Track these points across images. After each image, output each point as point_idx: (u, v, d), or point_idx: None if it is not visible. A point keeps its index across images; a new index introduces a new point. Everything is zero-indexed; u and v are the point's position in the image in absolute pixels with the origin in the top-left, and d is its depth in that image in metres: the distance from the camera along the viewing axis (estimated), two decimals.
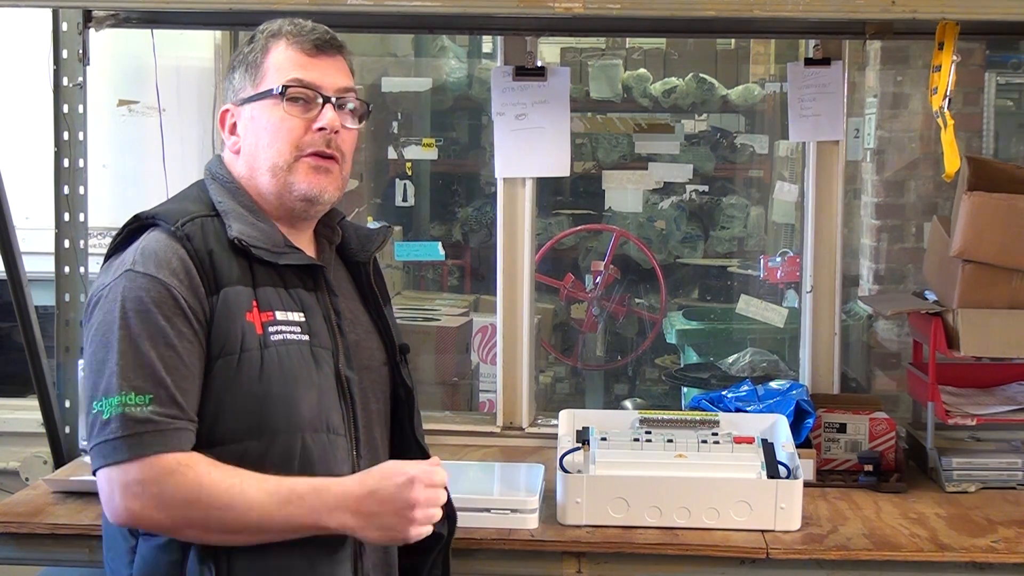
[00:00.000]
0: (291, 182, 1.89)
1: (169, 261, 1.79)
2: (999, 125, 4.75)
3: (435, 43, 5.31)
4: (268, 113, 1.89)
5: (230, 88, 1.95)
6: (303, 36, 1.92)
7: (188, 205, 1.89)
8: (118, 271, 1.80)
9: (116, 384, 1.72)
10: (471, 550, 2.33)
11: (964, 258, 2.70)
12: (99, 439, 1.73)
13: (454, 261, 5.51)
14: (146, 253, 1.79)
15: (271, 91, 1.88)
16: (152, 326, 1.75)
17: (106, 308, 1.77)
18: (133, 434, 1.71)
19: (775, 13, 2.46)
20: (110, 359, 1.74)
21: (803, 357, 3.16)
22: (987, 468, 2.73)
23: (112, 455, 1.72)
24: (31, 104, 3.44)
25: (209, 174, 1.95)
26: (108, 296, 1.78)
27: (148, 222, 1.86)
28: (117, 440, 1.71)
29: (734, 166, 5.76)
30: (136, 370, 1.73)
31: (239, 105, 1.92)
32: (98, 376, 1.75)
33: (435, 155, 4.67)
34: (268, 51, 1.91)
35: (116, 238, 1.87)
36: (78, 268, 2.99)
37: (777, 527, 2.39)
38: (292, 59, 1.90)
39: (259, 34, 1.94)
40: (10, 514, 2.46)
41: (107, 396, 1.72)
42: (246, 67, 1.92)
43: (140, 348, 1.74)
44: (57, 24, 2.93)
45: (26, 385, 3.17)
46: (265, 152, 1.89)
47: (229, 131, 1.94)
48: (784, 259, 3.83)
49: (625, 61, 5.52)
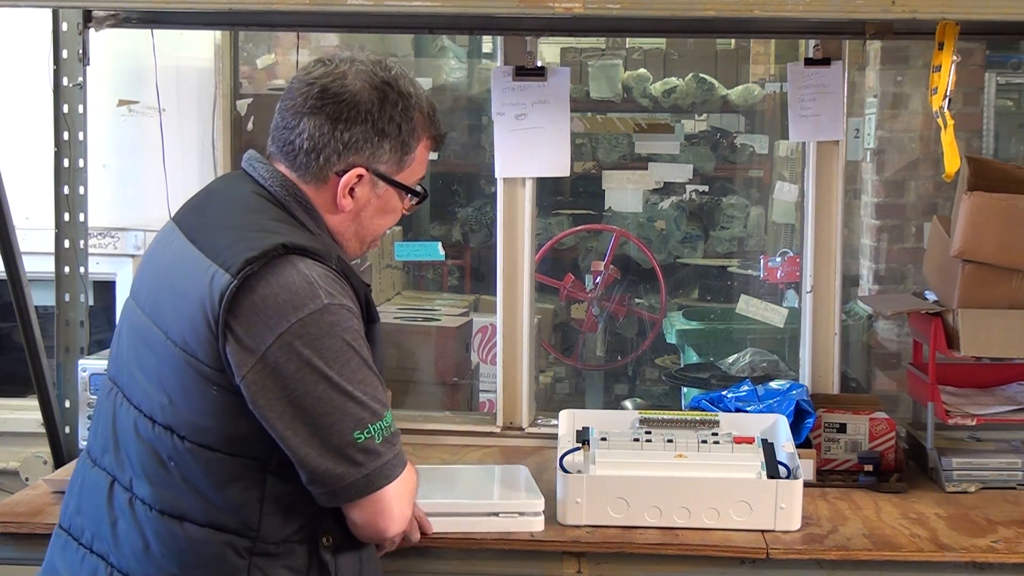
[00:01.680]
0: (371, 249, 2.06)
1: (347, 291, 1.84)
2: (999, 125, 4.76)
3: (435, 43, 5.31)
4: (396, 201, 2.00)
5: (369, 150, 1.92)
6: (438, 132, 2.02)
7: (307, 235, 1.87)
8: (311, 306, 1.76)
9: (376, 408, 1.81)
10: (471, 550, 2.33)
11: (964, 258, 2.70)
12: (380, 461, 1.81)
13: (454, 261, 5.52)
14: (329, 283, 1.80)
15: (416, 192, 2.01)
16: (364, 348, 1.83)
17: (323, 344, 1.77)
18: (401, 448, 1.86)
19: (775, 13, 2.46)
20: (356, 388, 1.79)
21: (803, 357, 3.16)
22: (987, 468, 2.73)
23: (395, 471, 1.83)
24: (31, 104, 3.44)
25: (293, 199, 1.91)
26: (313, 332, 1.76)
27: (293, 251, 1.80)
28: (397, 457, 1.84)
29: (734, 166, 5.76)
30: (377, 390, 1.83)
31: (376, 176, 1.94)
32: (350, 406, 1.79)
33: (435, 155, 4.67)
34: (418, 139, 1.97)
35: (255, 261, 1.77)
36: (78, 268, 2.99)
37: (777, 527, 2.39)
38: (426, 159, 2.02)
39: (414, 110, 1.95)
40: (10, 514, 2.46)
41: (374, 422, 1.80)
42: (399, 144, 1.94)
43: (371, 369, 1.83)
44: (57, 24, 2.94)
45: (26, 385, 3.17)
46: (377, 229, 2.01)
47: (347, 190, 1.93)
48: (784, 259, 3.83)
49: (625, 61, 5.53)
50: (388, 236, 4.61)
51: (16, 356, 3.04)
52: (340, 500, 1.81)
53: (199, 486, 1.81)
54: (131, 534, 1.84)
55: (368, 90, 1.90)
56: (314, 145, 1.90)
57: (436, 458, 2.91)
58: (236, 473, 1.80)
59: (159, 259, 1.93)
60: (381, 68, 1.93)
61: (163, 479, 1.83)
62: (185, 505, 1.81)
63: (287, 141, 1.92)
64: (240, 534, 1.81)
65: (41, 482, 2.67)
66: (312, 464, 1.78)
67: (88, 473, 1.94)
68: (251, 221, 1.87)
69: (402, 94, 1.93)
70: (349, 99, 1.89)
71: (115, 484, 1.87)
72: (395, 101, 1.92)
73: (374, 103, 1.91)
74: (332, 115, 1.89)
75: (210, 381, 1.78)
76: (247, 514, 1.81)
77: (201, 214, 1.95)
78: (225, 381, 1.77)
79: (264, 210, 1.90)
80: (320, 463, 1.78)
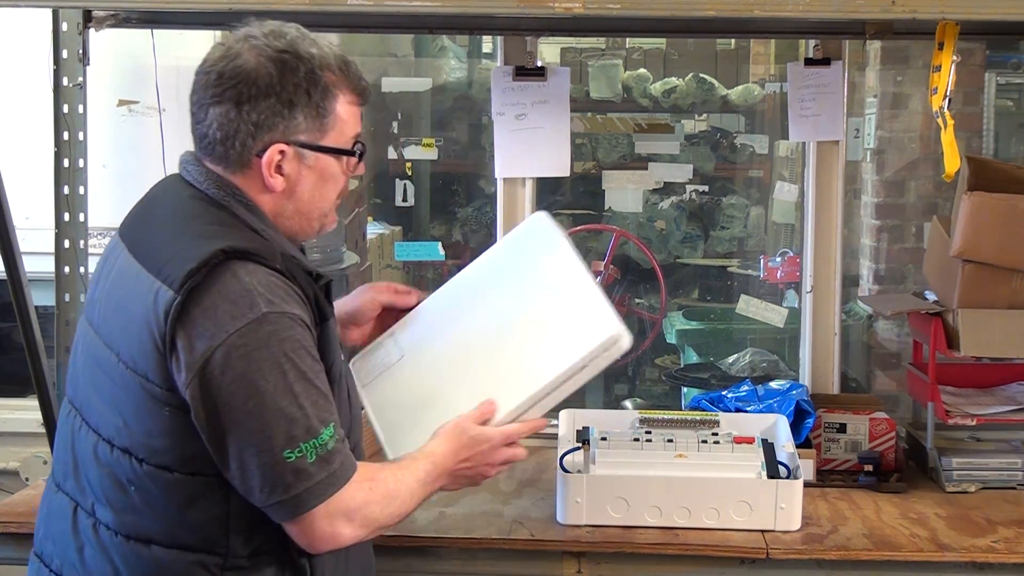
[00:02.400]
0: (325, 224, 1.94)
1: (292, 295, 1.76)
2: (999, 125, 4.75)
3: (435, 43, 5.31)
4: (334, 167, 1.89)
5: (282, 124, 1.82)
6: (357, 85, 1.90)
7: (250, 235, 1.80)
8: (247, 316, 1.70)
9: (311, 425, 1.72)
10: (471, 550, 2.33)
11: (964, 258, 2.70)
12: (311, 481, 1.72)
13: (454, 261, 5.50)
14: (270, 290, 1.73)
15: (350, 152, 1.90)
16: (308, 358, 1.75)
17: (258, 356, 1.70)
18: (340, 466, 1.75)
19: (775, 13, 2.46)
20: (290, 404, 1.71)
21: (803, 357, 3.16)
22: (987, 468, 2.73)
23: (327, 491, 1.74)
24: (31, 104, 3.44)
25: (230, 196, 1.84)
26: (251, 344, 1.70)
27: (234, 256, 1.74)
28: (331, 476, 1.74)
29: (734, 166, 5.76)
30: (316, 404, 1.74)
31: (299, 147, 1.84)
32: (280, 423, 1.70)
33: (435, 155, 4.68)
34: (334, 98, 1.85)
35: (197, 271, 1.71)
36: (78, 268, 2.99)
37: (777, 527, 2.39)
38: (354, 114, 1.90)
39: (320, 71, 1.83)
40: (10, 514, 2.46)
41: (306, 440, 1.71)
42: (312, 109, 1.83)
43: (311, 382, 1.74)
44: (57, 24, 2.93)
45: (26, 385, 3.17)
46: (320, 201, 1.90)
47: (274, 169, 1.84)
48: (784, 259, 3.83)
49: (625, 61, 5.52)
50: (388, 236, 4.62)
51: (16, 356, 3.04)
52: (273, 517, 1.75)
53: (161, 508, 1.77)
54: (99, 560, 1.81)
55: (265, 63, 1.81)
56: (226, 134, 1.82)
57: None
58: (197, 493, 1.76)
59: (107, 275, 1.88)
60: (275, 38, 1.83)
61: (124, 503, 1.79)
62: (150, 528, 1.78)
63: (202, 135, 1.86)
64: (209, 552, 1.77)
65: (41, 482, 2.67)
66: (242, 482, 1.72)
67: (53, 499, 1.91)
68: (190, 228, 1.81)
69: (302, 58, 1.82)
70: (246, 77, 1.80)
71: (78, 509, 1.84)
72: (295, 67, 1.81)
73: (273, 75, 1.80)
74: (234, 98, 1.81)
75: (161, 402, 1.73)
76: (213, 532, 1.77)
77: (142, 225, 1.89)
78: (176, 400, 1.72)
79: (202, 215, 1.82)
80: (248, 481, 1.71)
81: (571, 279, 2.09)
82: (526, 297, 2.12)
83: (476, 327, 2.13)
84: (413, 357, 2.16)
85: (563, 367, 1.98)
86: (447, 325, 2.18)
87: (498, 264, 2.24)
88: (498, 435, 1.98)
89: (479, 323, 2.14)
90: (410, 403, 2.09)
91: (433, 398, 2.07)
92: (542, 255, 2.15)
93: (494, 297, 2.16)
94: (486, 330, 2.12)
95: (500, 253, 2.27)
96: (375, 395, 2.14)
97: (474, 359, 2.09)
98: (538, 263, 2.15)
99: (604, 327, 1.97)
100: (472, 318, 2.15)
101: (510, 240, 2.28)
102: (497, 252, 2.28)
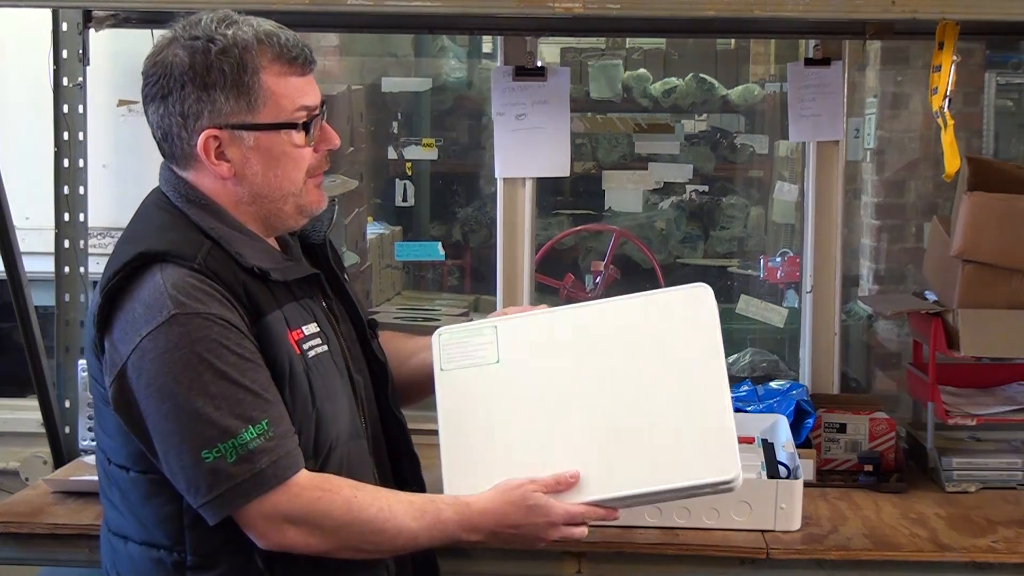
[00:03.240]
0: (303, 205, 1.87)
1: (211, 294, 1.73)
2: (999, 125, 4.74)
3: (435, 43, 5.30)
4: (281, 143, 1.82)
5: (207, 109, 1.78)
6: (289, 53, 1.81)
7: (185, 236, 1.79)
8: (159, 318, 1.70)
9: (228, 426, 1.69)
10: (471, 550, 2.33)
11: (964, 258, 2.70)
12: (232, 482, 1.69)
13: (454, 261, 5.50)
14: (183, 291, 1.71)
15: (290, 124, 1.81)
16: (231, 356, 1.72)
17: (168, 359, 1.69)
18: (269, 464, 1.71)
19: (775, 13, 2.46)
20: (204, 405, 1.69)
21: (803, 357, 3.16)
22: (987, 468, 2.73)
23: (254, 491, 1.70)
24: (31, 104, 3.44)
25: (182, 197, 1.84)
26: (162, 346, 1.70)
27: (155, 259, 1.75)
28: (256, 476, 1.70)
29: (734, 166, 5.75)
30: (240, 403, 1.71)
31: (232, 130, 1.80)
32: (196, 425, 1.69)
33: (435, 155, 4.67)
34: (257, 72, 1.79)
35: (116, 275, 1.75)
36: (78, 268, 2.99)
37: (777, 527, 2.39)
38: (291, 85, 1.82)
39: (235, 47, 1.78)
40: (10, 514, 2.46)
41: (223, 441, 1.69)
42: (233, 89, 1.78)
43: (233, 381, 1.71)
44: (57, 24, 2.93)
45: (26, 385, 3.17)
46: (281, 181, 1.83)
47: (216, 156, 1.81)
48: (784, 259, 3.83)
49: (625, 61, 5.51)
50: (388, 236, 4.62)
51: (16, 356, 3.03)
52: (207, 519, 1.73)
53: (128, 506, 1.82)
54: (104, 553, 1.91)
55: (178, 53, 1.79)
56: (164, 131, 1.82)
57: (436, 458, 2.90)
58: (151, 490, 1.78)
59: None
60: (189, 26, 1.80)
61: (110, 501, 1.86)
62: (125, 525, 1.83)
63: (153, 138, 1.86)
64: (169, 550, 1.79)
65: (41, 482, 2.67)
66: (174, 483, 1.73)
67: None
68: (129, 234, 1.84)
69: (212, 39, 1.77)
70: (163, 71, 1.79)
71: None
72: (206, 49, 1.77)
73: (185, 63, 1.78)
74: (160, 94, 1.80)
75: (106, 401, 1.77)
76: (171, 530, 1.78)
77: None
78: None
79: (150, 219, 1.85)
80: (178, 483, 1.72)
81: (712, 384, 1.94)
82: (657, 380, 1.94)
83: (590, 381, 1.96)
84: (510, 371, 1.99)
85: (667, 485, 1.88)
86: (560, 359, 1.99)
87: (639, 318, 2.02)
88: (561, 515, 1.86)
89: (595, 377, 1.96)
90: (486, 424, 1.97)
91: (515, 434, 1.94)
92: (691, 336, 1.97)
93: (622, 355, 1.97)
94: (600, 391, 1.95)
95: (647, 308, 2.03)
96: (451, 389, 2.01)
97: (575, 416, 1.94)
98: (683, 344, 1.97)
99: (725, 467, 1.88)
100: (589, 367, 1.97)
101: (663, 300, 2.04)
102: (644, 305, 2.04)
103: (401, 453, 2.04)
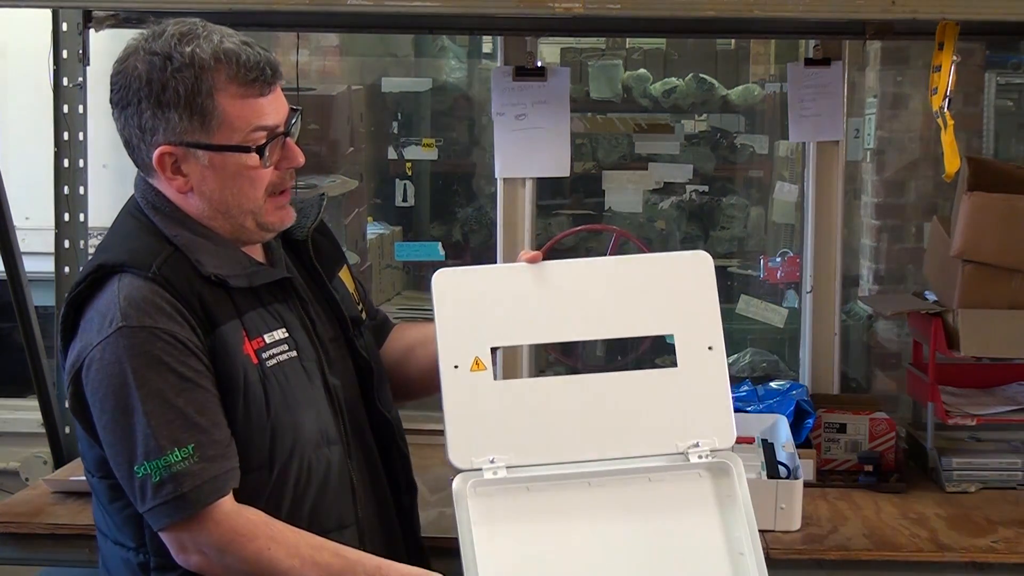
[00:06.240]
0: (263, 223, 1.84)
1: (161, 307, 1.72)
2: (999, 125, 4.74)
3: (435, 43, 5.30)
4: (237, 164, 1.79)
5: (162, 126, 1.76)
6: (247, 75, 1.76)
7: (147, 244, 1.79)
8: (107, 329, 1.71)
9: (156, 445, 1.69)
10: None
11: (964, 258, 2.70)
12: (156, 501, 1.70)
13: (454, 261, 5.50)
14: (133, 303, 1.71)
15: (244, 148, 1.77)
16: (170, 375, 1.70)
17: (110, 371, 1.71)
18: (191, 489, 1.70)
19: (775, 13, 2.46)
20: (138, 421, 1.69)
21: (803, 357, 3.16)
22: (987, 468, 2.73)
23: (175, 514, 1.71)
24: (31, 104, 3.44)
25: (149, 205, 1.84)
26: (107, 358, 1.71)
27: (114, 270, 1.76)
28: (177, 499, 1.69)
29: (734, 166, 5.75)
30: (170, 424, 1.70)
31: (186, 147, 1.77)
32: (130, 440, 1.70)
33: (435, 155, 4.67)
34: (212, 93, 1.74)
35: (79, 285, 1.77)
36: (78, 268, 2.99)
37: (777, 527, 2.39)
38: (248, 106, 1.77)
39: (191, 68, 1.74)
40: (10, 514, 2.46)
41: (149, 460, 1.69)
42: (188, 109, 1.74)
43: (167, 400, 1.70)
44: (57, 24, 2.93)
45: (26, 385, 3.17)
46: (239, 199, 1.81)
47: (172, 171, 1.79)
48: (784, 259, 3.83)
49: (625, 61, 5.51)
50: (388, 236, 4.62)
51: (16, 356, 3.04)
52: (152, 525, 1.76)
53: (101, 506, 1.86)
54: (101, 552, 1.93)
55: (137, 67, 1.75)
56: (126, 139, 1.83)
57: (436, 459, 2.90)
58: (112, 494, 1.81)
59: None
60: (153, 37, 1.77)
61: (96, 502, 1.90)
62: (103, 524, 1.88)
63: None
64: (135, 551, 1.82)
65: (41, 482, 2.67)
66: (124, 488, 1.76)
67: None
68: (102, 243, 1.86)
69: (170, 58, 1.73)
70: (124, 82, 1.77)
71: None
72: (162, 67, 1.73)
73: (142, 78, 1.75)
74: (121, 103, 1.79)
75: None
76: (133, 532, 1.81)
77: None
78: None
79: (122, 224, 1.86)
80: (124, 488, 1.76)
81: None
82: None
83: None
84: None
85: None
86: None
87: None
88: None
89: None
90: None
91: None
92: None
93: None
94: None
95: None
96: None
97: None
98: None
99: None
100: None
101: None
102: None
103: (392, 454, 2.03)
